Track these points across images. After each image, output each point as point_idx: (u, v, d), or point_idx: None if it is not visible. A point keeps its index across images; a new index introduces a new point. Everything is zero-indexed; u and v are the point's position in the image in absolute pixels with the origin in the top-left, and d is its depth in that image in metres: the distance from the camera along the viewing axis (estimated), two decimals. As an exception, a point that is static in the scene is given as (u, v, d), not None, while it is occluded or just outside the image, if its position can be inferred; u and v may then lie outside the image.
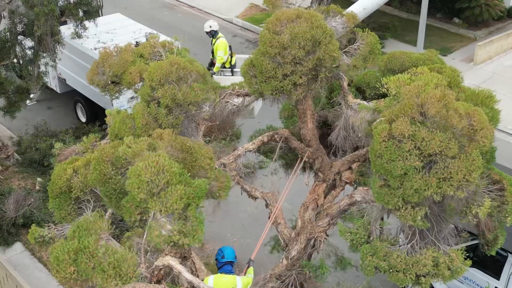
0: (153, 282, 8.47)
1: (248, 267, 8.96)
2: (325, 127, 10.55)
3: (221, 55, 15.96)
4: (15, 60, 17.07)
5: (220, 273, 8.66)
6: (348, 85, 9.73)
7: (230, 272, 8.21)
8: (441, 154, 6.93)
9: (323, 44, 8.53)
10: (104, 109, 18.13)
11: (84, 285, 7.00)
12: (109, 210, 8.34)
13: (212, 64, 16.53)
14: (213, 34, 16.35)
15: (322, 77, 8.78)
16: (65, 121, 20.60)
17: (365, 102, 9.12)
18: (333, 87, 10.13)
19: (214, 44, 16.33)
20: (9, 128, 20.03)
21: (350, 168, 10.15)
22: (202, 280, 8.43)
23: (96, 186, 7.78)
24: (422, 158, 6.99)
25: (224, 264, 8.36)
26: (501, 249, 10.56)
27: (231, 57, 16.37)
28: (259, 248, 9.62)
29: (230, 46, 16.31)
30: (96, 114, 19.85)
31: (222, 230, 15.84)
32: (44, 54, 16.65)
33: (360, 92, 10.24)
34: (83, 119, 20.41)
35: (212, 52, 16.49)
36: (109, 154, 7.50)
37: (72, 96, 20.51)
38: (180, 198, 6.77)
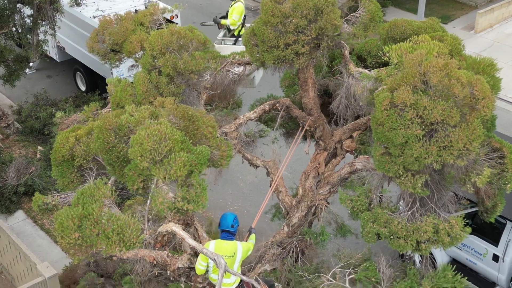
0: (156, 249, 8.58)
1: (249, 234, 9.04)
2: (326, 96, 10.57)
3: (235, 19, 15.40)
4: (14, 29, 16.96)
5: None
6: (349, 53, 9.73)
7: (228, 239, 8.29)
8: (443, 123, 6.97)
9: (325, 13, 8.51)
10: (104, 78, 18.13)
11: (87, 251, 7.07)
12: (112, 178, 8.40)
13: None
14: None
15: (324, 46, 8.77)
16: (65, 90, 20.57)
17: (366, 71, 9.12)
18: (334, 56, 10.11)
19: (231, 6, 15.79)
20: (9, 96, 20.00)
21: (351, 136, 10.19)
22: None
23: (99, 154, 7.83)
24: (423, 126, 7.03)
25: (222, 232, 8.45)
26: (500, 216, 10.66)
27: (242, 27, 15.96)
28: (260, 216, 9.71)
29: (245, 16, 15.92)
30: (96, 83, 19.81)
31: (223, 198, 15.96)
32: (43, 23, 16.54)
33: (361, 60, 10.23)
34: (83, 88, 20.37)
35: (227, 14, 16.02)
36: (112, 122, 7.53)
37: (72, 65, 20.44)
38: (183, 165, 6.82)
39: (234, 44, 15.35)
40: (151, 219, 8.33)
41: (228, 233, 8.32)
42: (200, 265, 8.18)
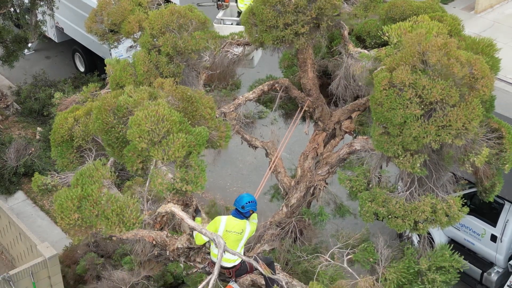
0: (155, 229, 8.62)
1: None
2: (325, 77, 10.56)
3: None
4: (12, 9, 16.89)
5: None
6: (349, 34, 9.69)
7: (238, 216, 8.33)
8: (442, 102, 6.96)
9: (324, -8, 8.46)
10: (103, 59, 18.05)
11: (87, 232, 7.09)
12: (111, 159, 8.41)
13: None
14: None
15: (324, 26, 8.73)
16: (64, 70, 20.52)
17: (365, 51, 9.09)
18: (333, 36, 10.08)
19: None
20: (8, 77, 19.95)
21: (350, 117, 10.19)
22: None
23: (98, 135, 7.83)
24: (422, 106, 7.02)
25: (235, 209, 8.49)
26: (498, 196, 10.70)
27: None
28: (259, 197, 9.73)
29: None
30: (95, 63, 19.75)
31: (222, 179, 15.99)
32: (41, 3, 16.47)
33: (361, 41, 10.20)
34: (82, 69, 20.32)
35: None
36: (111, 103, 7.52)
37: (70, 46, 20.37)
38: (181, 146, 6.82)
39: (238, 23, 15.21)
40: (150, 199, 8.36)
41: (238, 212, 8.35)
42: (201, 235, 8.17)
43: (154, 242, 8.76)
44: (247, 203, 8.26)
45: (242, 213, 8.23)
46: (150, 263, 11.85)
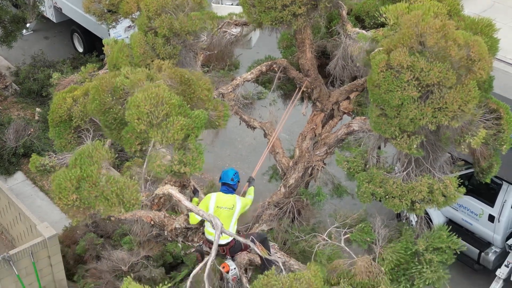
0: (153, 210, 8.66)
1: (248, 185, 9.12)
2: (323, 57, 10.53)
3: None
4: (9, -11, 16.83)
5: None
6: (347, 14, 9.64)
7: (228, 192, 8.40)
8: (439, 85, 6.95)
9: (322, -28, 8.41)
10: (101, 39, 17.99)
11: (86, 212, 7.09)
12: (108, 140, 8.41)
13: None
14: None
15: (322, 7, 8.69)
16: (62, 51, 20.45)
17: (363, 31, 9.06)
18: (332, 17, 10.04)
19: None
20: (6, 58, 19.89)
21: (348, 98, 10.19)
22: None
23: (95, 116, 7.82)
24: (420, 88, 7.02)
25: (222, 185, 8.56)
26: (496, 177, 10.73)
27: None
28: (257, 177, 9.76)
29: None
30: (93, 44, 19.67)
31: (221, 160, 16.02)
32: (39, -18, 16.39)
33: (359, 21, 10.15)
34: (80, 49, 20.25)
35: None
36: (108, 83, 7.49)
37: (69, 26, 20.28)
38: (180, 129, 6.81)
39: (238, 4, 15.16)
40: (149, 180, 8.38)
41: (228, 186, 8.41)
42: (195, 215, 8.24)
43: (152, 223, 8.82)
44: (234, 175, 8.39)
45: (231, 186, 8.31)
46: (150, 243, 11.91)
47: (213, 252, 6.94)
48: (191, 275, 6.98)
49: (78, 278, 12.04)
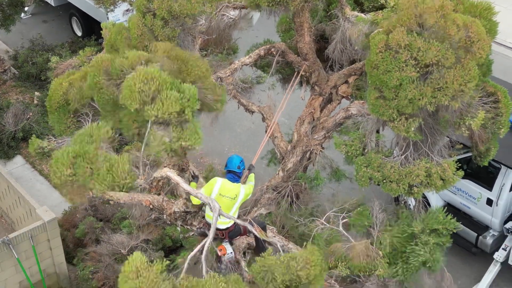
0: (152, 194, 8.66)
1: (249, 173, 9.12)
2: (322, 41, 10.49)
3: None
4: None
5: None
6: (346, -3, 9.62)
7: (234, 180, 8.37)
8: (438, 65, 6.93)
9: (320, -46, 8.37)
10: (100, 23, 17.93)
11: (80, 191, 7.02)
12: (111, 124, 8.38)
13: None
14: None
15: (320, -12, 8.66)
16: (61, 35, 20.38)
17: (362, 15, 9.02)
18: (331, 0, 9.99)
19: None
20: (5, 42, 19.83)
21: (346, 81, 10.17)
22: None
23: (90, 95, 7.75)
24: (418, 68, 6.99)
25: (228, 172, 8.52)
26: (494, 160, 10.74)
27: None
28: (257, 161, 9.76)
29: None
30: (92, 28, 19.61)
31: (220, 144, 16.02)
32: (37, -35, 16.30)
33: (358, 4, 10.12)
34: (79, 33, 20.18)
35: None
36: (107, 63, 7.43)
37: (67, 9, 20.20)
38: (175, 100, 6.74)
39: None
40: (148, 164, 8.36)
41: (234, 174, 8.39)
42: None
43: (151, 206, 8.81)
44: (240, 162, 8.37)
45: (237, 174, 8.29)
46: (149, 226, 11.96)
47: (211, 234, 6.94)
48: (189, 256, 6.99)
49: (78, 261, 12.10)
